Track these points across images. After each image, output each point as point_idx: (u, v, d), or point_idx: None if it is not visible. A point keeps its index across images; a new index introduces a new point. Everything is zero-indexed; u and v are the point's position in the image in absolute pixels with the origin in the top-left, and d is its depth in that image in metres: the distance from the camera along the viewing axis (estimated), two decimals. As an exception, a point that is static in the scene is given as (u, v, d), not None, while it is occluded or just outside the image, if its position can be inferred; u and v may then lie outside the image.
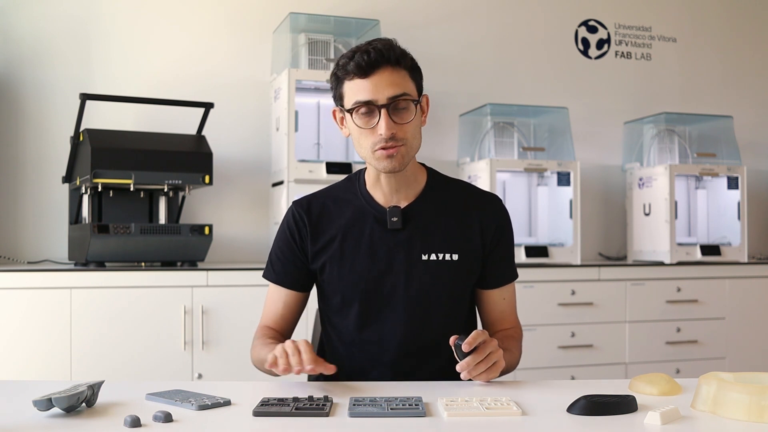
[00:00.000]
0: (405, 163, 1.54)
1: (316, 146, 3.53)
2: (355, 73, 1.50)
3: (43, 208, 3.34)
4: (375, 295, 1.59)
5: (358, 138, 1.54)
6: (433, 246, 1.60)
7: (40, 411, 1.20)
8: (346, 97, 1.54)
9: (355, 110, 1.51)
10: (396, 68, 1.51)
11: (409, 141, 1.53)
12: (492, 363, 1.43)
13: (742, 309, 3.68)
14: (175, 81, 3.49)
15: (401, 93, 1.50)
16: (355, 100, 1.51)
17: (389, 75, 1.50)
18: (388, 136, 1.49)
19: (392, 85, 1.50)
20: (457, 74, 3.92)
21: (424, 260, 1.59)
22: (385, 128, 1.49)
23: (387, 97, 1.49)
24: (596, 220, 4.11)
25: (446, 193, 1.66)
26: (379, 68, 1.49)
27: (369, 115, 1.51)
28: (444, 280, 1.60)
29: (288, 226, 1.66)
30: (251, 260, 3.54)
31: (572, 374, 3.37)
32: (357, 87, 1.51)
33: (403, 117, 1.51)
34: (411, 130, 1.53)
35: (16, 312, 2.77)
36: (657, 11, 4.33)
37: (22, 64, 3.36)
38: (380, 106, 1.49)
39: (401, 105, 1.51)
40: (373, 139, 1.51)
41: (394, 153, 1.51)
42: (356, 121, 1.52)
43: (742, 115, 4.23)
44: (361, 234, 1.61)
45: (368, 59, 1.49)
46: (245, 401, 1.30)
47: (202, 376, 2.89)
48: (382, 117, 1.49)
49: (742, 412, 1.18)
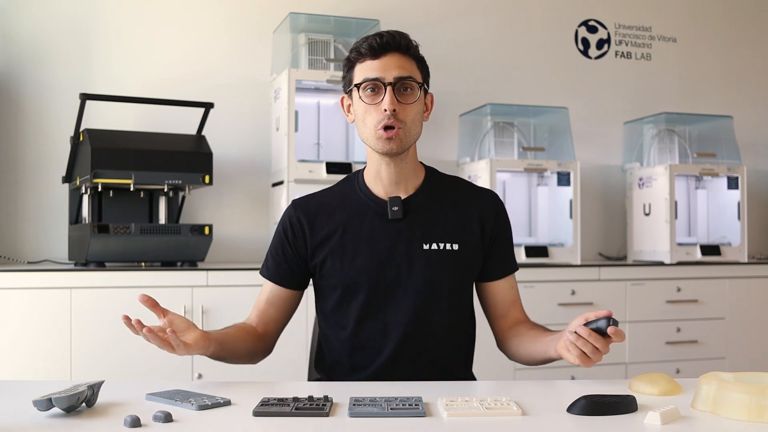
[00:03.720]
0: (404, 146, 1.59)
1: (316, 146, 3.53)
2: (366, 54, 1.58)
3: (43, 208, 3.34)
4: (377, 286, 1.61)
5: (362, 117, 1.60)
6: (433, 236, 1.63)
7: (40, 411, 1.20)
8: (355, 77, 1.61)
9: (362, 86, 1.58)
10: (405, 55, 1.59)
11: (409, 124, 1.58)
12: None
13: (742, 309, 3.68)
14: (175, 81, 3.49)
15: (407, 75, 1.58)
16: (363, 77, 1.58)
17: (398, 59, 1.58)
18: (390, 111, 1.55)
19: (400, 68, 1.57)
20: (457, 74, 3.92)
21: (425, 249, 1.62)
22: (388, 103, 1.55)
23: (394, 77, 1.56)
24: (596, 220, 4.11)
25: (445, 187, 1.70)
26: (390, 51, 1.58)
27: (375, 93, 1.58)
28: (445, 269, 1.62)
29: (283, 225, 1.69)
30: (251, 260, 3.54)
31: (572, 374, 3.37)
32: (367, 66, 1.59)
33: (406, 98, 1.58)
34: (412, 113, 1.59)
35: (16, 312, 2.77)
36: (657, 11, 4.33)
37: (22, 64, 3.36)
38: (386, 84, 1.56)
39: (406, 85, 1.58)
40: (377, 117, 1.57)
41: (393, 136, 1.57)
42: (362, 97, 1.58)
43: (742, 115, 4.23)
44: (362, 226, 1.63)
45: (380, 41, 1.57)
46: (245, 401, 1.30)
47: (202, 376, 2.89)
48: (387, 93, 1.56)
49: (742, 412, 1.18)
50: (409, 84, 1.58)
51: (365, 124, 1.59)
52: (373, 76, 1.57)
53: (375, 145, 1.59)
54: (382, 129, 1.56)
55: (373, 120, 1.57)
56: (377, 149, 1.59)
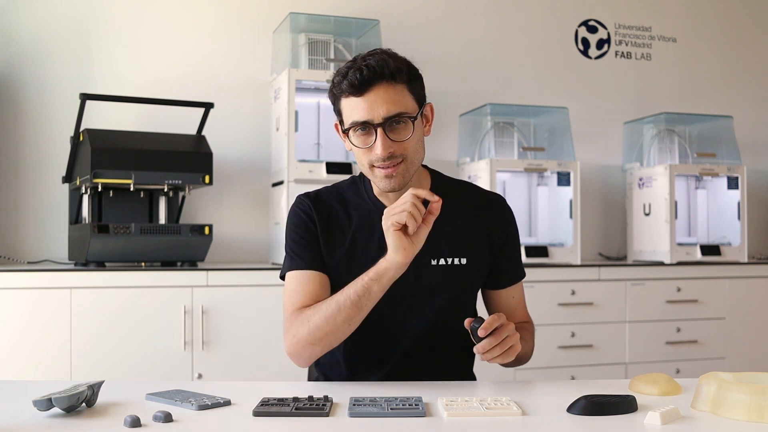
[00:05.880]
0: (406, 180, 1.52)
1: (316, 146, 3.53)
2: (349, 92, 1.47)
3: (43, 208, 3.34)
4: (382, 301, 1.54)
5: (357, 156, 1.53)
6: (441, 251, 1.59)
7: (40, 411, 1.20)
8: (343, 114, 1.51)
9: (352, 130, 1.49)
10: (392, 83, 1.47)
11: (410, 156, 1.50)
12: (508, 346, 1.41)
13: (742, 309, 3.68)
14: (175, 81, 3.49)
15: (396, 113, 1.46)
16: (351, 121, 1.48)
17: (384, 92, 1.46)
18: (384, 156, 1.47)
19: (387, 103, 1.46)
20: (457, 74, 3.92)
21: (433, 265, 1.58)
22: (381, 149, 1.46)
23: (382, 117, 1.46)
24: (596, 220, 4.11)
25: (452, 195, 1.62)
26: (374, 85, 1.45)
27: (366, 134, 1.48)
28: (452, 285, 1.60)
29: (303, 211, 1.61)
30: (251, 260, 3.54)
31: (572, 374, 3.37)
32: (352, 105, 1.48)
33: (400, 134, 1.48)
34: (411, 146, 1.50)
35: (16, 312, 2.77)
36: (657, 11, 4.33)
37: (22, 64, 3.36)
38: (376, 126, 1.46)
39: (398, 121, 1.48)
40: (370, 157, 1.49)
41: (393, 173, 1.49)
42: (354, 141, 1.50)
43: (742, 115, 4.23)
44: (371, 238, 1.59)
45: (361, 77, 1.45)
46: (245, 401, 1.30)
47: (202, 376, 2.89)
48: (378, 137, 1.46)
49: (742, 412, 1.18)
50: (402, 119, 1.47)
51: (361, 162, 1.53)
52: (361, 120, 1.46)
53: (376, 183, 1.54)
54: (381, 168, 1.49)
55: (366, 159, 1.50)
56: (379, 187, 1.54)
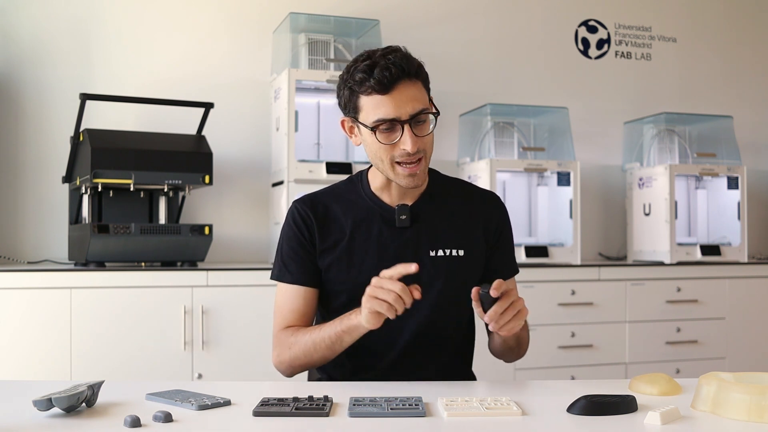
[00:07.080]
0: (424, 177, 1.58)
1: (316, 146, 3.53)
2: (376, 90, 1.49)
3: (43, 208, 3.34)
4: None
5: (378, 152, 1.54)
6: (439, 242, 1.62)
7: (40, 411, 1.20)
8: (363, 111, 1.52)
9: (377, 127, 1.51)
10: (413, 80, 1.51)
11: (428, 153, 1.56)
12: (517, 310, 1.41)
13: (742, 309, 3.68)
14: (175, 81, 3.49)
15: (421, 109, 1.51)
16: (377, 118, 1.50)
17: (408, 89, 1.50)
18: (414, 151, 1.50)
19: (413, 100, 1.50)
20: (457, 74, 3.92)
21: (431, 256, 1.61)
22: (411, 144, 1.49)
23: (409, 114, 1.49)
24: (596, 220, 4.11)
25: (448, 191, 1.69)
26: (399, 83, 1.49)
27: (391, 131, 1.51)
28: (451, 276, 1.62)
29: (295, 223, 1.64)
30: (251, 260, 3.54)
31: (572, 374, 3.37)
32: (377, 103, 1.50)
33: (423, 130, 1.53)
34: (430, 142, 1.55)
35: (16, 312, 2.77)
36: (657, 11, 4.33)
37: (22, 64, 3.36)
38: (404, 123, 1.50)
39: (421, 118, 1.52)
40: (393, 153, 1.52)
41: (417, 171, 1.54)
42: (379, 138, 1.51)
43: (742, 115, 4.23)
44: (369, 234, 1.61)
45: (390, 75, 1.47)
46: (245, 401, 1.30)
47: (202, 376, 2.89)
48: (406, 133, 1.50)
49: (742, 412, 1.18)
50: (424, 115, 1.52)
51: (382, 159, 1.54)
52: (389, 117, 1.49)
53: (395, 179, 1.56)
54: (404, 166, 1.53)
55: (389, 156, 1.53)
56: (399, 183, 1.56)
